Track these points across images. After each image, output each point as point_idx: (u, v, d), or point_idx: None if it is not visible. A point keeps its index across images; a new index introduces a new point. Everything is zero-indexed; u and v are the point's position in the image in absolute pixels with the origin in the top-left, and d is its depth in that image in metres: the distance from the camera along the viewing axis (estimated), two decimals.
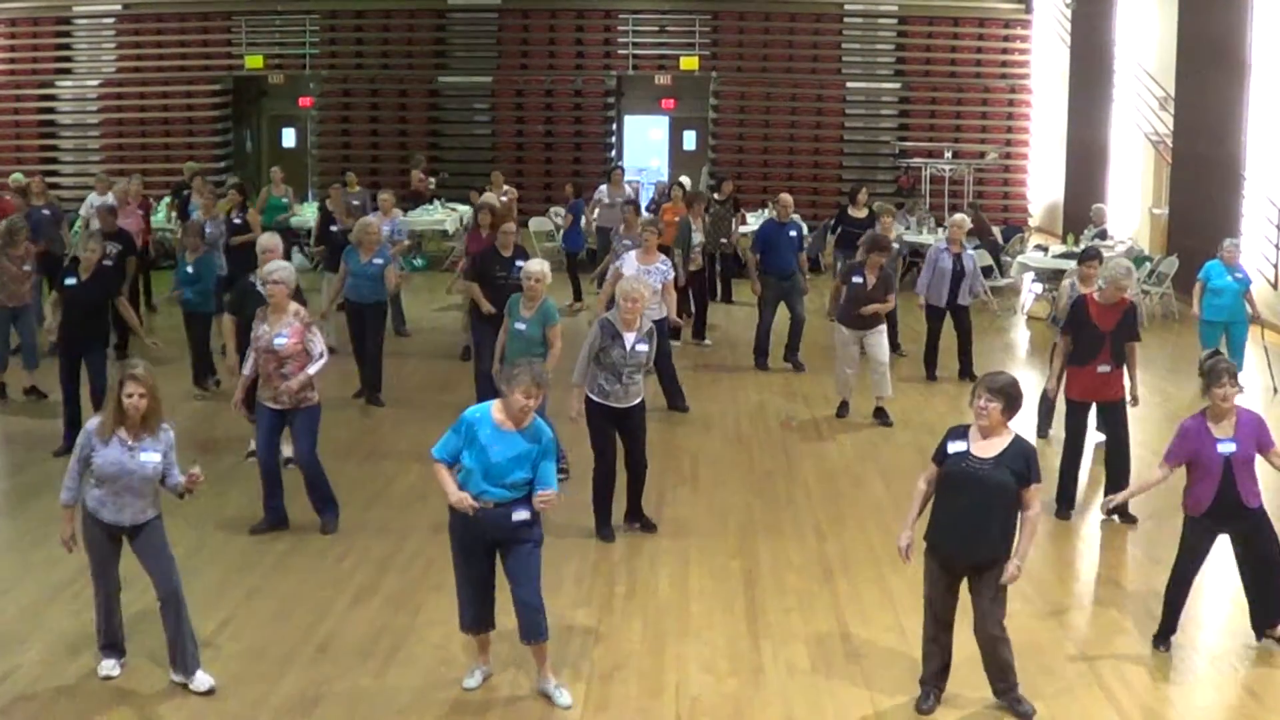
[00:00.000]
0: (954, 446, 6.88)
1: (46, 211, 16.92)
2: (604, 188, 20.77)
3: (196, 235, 13.83)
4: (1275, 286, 17.49)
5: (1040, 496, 6.91)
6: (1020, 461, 6.76)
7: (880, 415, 13.06)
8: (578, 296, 19.07)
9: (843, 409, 13.28)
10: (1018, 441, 6.84)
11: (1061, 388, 10.37)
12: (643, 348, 9.50)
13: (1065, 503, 10.32)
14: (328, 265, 15.79)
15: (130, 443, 7.02)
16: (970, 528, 6.74)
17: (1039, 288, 19.62)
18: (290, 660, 7.59)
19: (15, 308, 13.28)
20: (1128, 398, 10.34)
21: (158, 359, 11.59)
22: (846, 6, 28.93)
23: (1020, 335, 18.24)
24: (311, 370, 9.45)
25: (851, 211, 18.33)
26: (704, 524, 10.10)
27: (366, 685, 7.32)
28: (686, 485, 11.05)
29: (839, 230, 18.50)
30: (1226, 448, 7.63)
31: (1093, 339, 10.08)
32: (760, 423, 13.11)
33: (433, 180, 23.91)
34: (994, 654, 6.96)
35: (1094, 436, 10.87)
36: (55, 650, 7.64)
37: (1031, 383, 13.79)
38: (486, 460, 6.87)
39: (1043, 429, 12.29)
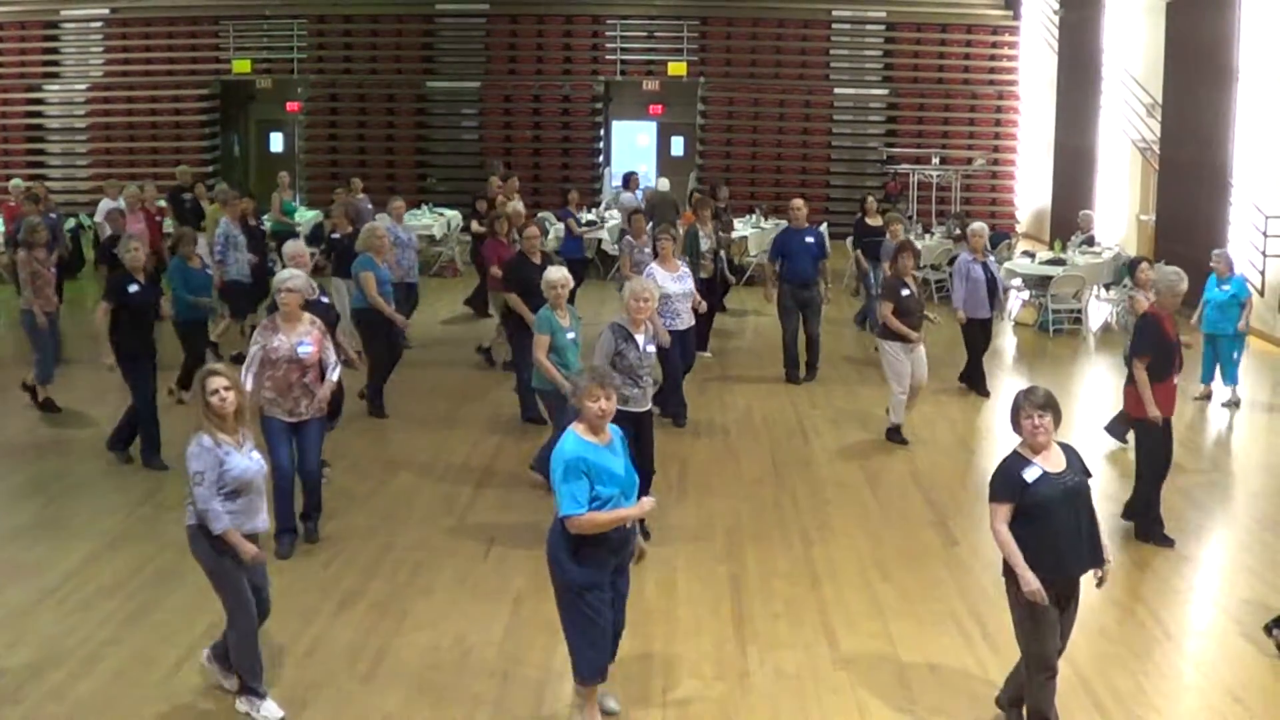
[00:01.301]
0: (1030, 474, 6.61)
1: (53, 216, 16.95)
2: (625, 194, 20.73)
3: (193, 243, 13.66)
4: (1262, 294, 17.55)
5: None
6: (1082, 461, 6.79)
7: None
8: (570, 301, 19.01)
9: (895, 433, 12.56)
10: (1068, 446, 6.82)
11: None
12: (651, 347, 9.59)
13: (1159, 523, 9.95)
14: (334, 271, 15.63)
15: (240, 446, 6.84)
16: (1086, 541, 6.65)
17: (1026, 294, 19.66)
18: (277, 664, 7.57)
19: (49, 313, 13.16)
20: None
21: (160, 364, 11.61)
22: (834, 13, 29.01)
23: (1007, 342, 18.26)
24: (334, 377, 9.37)
25: (868, 221, 18.22)
26: (692, 530, 10.09)
27: (352, 690, 7.32)
28: (674, 491, 11.04)
29: (860, 241, 18.38)
30: None
31: (1170, 352, 9.92)
32: (748, 429, 13.11)
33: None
34: None
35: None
36: (44, 655, 7.62)
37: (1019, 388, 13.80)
38: (619, 477, 6.63)
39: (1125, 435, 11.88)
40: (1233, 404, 14.10)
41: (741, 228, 22.25)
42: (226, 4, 29.43)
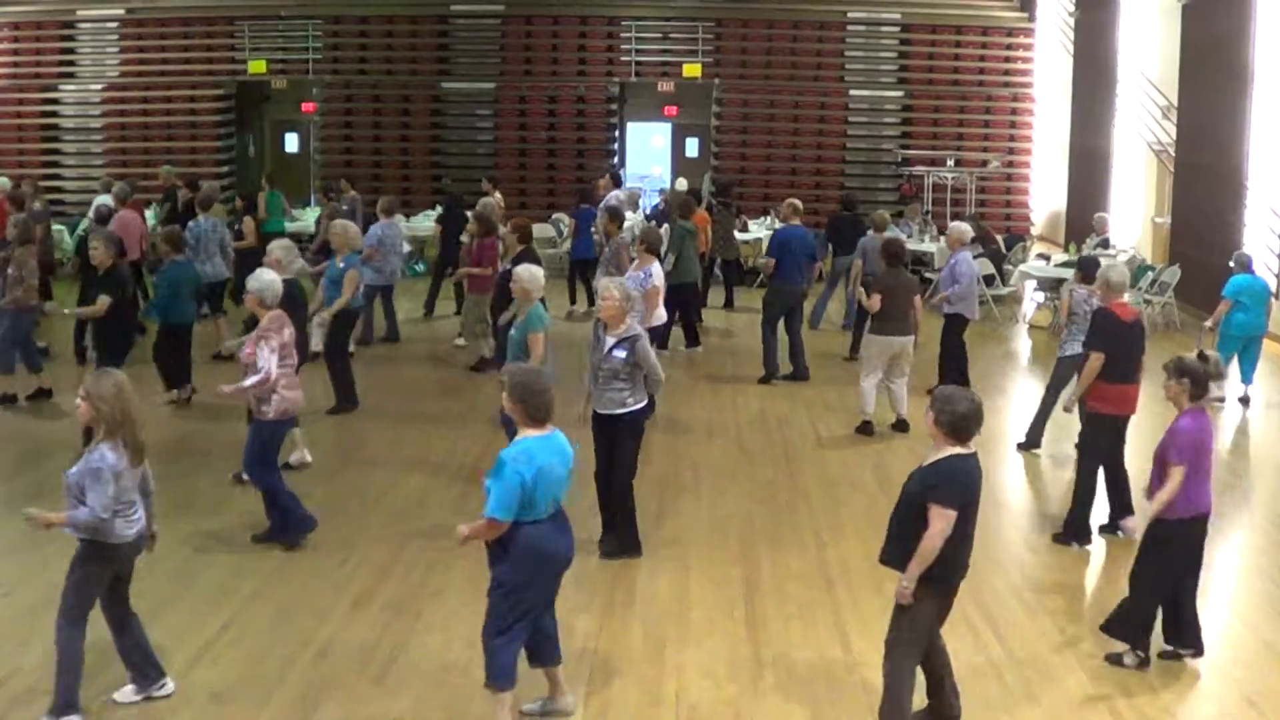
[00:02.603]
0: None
1: (23, 215, 17.05)
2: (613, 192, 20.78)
3: (169, 243, 13.67)
4: (1277, 296, 17.47)
5: (942, 522, 6.34)
6: (932, 476, 6.44)
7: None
8: (572, 301, 19.17)
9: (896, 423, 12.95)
10: (945, 459, 6.46)
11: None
12: (619, 354, 9.10)
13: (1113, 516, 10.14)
14: None
15: (82, 452, 6.94)
16: (893, 537, 6.60)
17: (1041, 296, 19.63)
18: (290, 665, 7.59)
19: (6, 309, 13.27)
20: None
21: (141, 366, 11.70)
22: (849, 14, 28.94)
23: (1022, 344, 18.23)
24: (245, 384, 9.41)
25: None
26: (705, 532, 10.09)
27: (365, 691, 7.32)
28: (688, 493, 11.04)
29: None
30: None
31: None
32: (761, 431, 13.10)
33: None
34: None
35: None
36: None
37: (1032, 391, 13.79)
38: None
39: None
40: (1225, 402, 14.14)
41: (756, 229, 22.23)
42: (242, 4, 29.46)
